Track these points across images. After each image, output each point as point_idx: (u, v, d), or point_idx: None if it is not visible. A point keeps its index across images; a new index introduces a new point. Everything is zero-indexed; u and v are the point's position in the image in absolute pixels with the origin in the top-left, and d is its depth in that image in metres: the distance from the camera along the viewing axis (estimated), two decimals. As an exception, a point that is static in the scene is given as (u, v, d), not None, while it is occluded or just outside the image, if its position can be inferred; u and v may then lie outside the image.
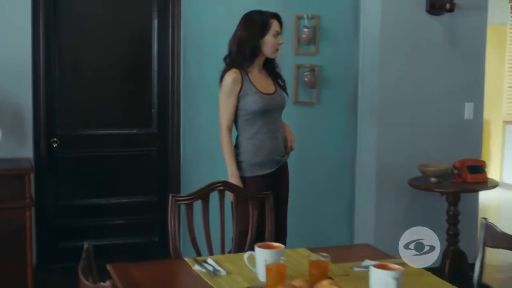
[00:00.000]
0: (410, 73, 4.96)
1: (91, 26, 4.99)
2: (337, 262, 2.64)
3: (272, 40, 3.75)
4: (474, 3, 5.04)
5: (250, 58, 3.72)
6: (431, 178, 4.74)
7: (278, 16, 3.82)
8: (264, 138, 3.74)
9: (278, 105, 3.80)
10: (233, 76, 3.69)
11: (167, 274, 2.59)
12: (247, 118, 3.73)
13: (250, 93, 3.70)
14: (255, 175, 3.72)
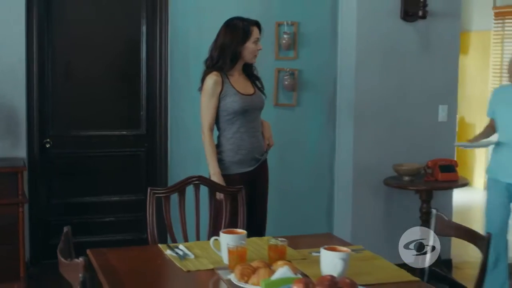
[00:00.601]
0: (386, 77, 5.17)
1: (83, 31, 5.17)
2: (298, 248, 2.89)
3: (253, 46, 3.93)
4: (447, 10, 5.23)
5: (230, 63, 3.89)
6: (405, 177, 4.98)
7: (258, 23, 4.00)
8: (244, 137, 3.92)
9: (256, 106, 3.98)
10: (214, 78, 3.87)
11: (141, 258, 2.83)
12: (227, 118, 3.90)
13: (230, 94, 3.87)
14: (235, 173, 3.89)
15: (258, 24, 4.01)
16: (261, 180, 4.05)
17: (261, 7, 5.17)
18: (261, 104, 4.03)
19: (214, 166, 3.85)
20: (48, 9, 5.06)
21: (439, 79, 5.30)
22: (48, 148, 5.15)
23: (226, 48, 3.90)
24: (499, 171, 4.46)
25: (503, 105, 4.48)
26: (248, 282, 2.38)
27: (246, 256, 2.58)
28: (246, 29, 3.93)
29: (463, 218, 7.68)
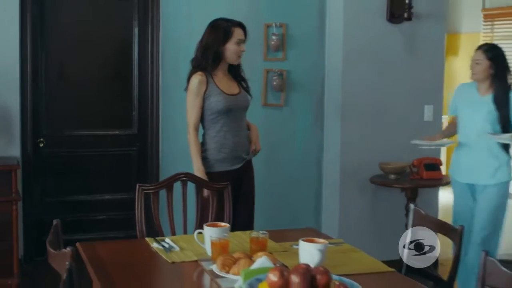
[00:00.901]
0: (372, 78, 5.28)
1: (76, 33, 5.28)
2: (280, 242, 2.99)
3: (234, 47, 3.96)
4: (433, 12, 5.35)
5: (213, 63, 3.95)
6: (391, 175, 5.09)
7: (242, 25, 4.02)
8: (228, 135, 3.98)
9: (241, 105, 4.03)
10: (198, 78, 3.94)
11: (128, 250, 2.93)
12: (212, 117, 3.97)
13: (214, 94, 3.94)
14: (219, 171, 3.95)
15: (242, 26, 4.03)
16: (246, 180, 4.10)
17: (250, 9, 5.29)
18: (245, 104, 4.07)
19: (197, 164, 3.93)
20: (42, 10, 5.17)
21: (425, 80, 5.41)
22: (42, 147, 5.25)
23: (208, 48, 3.96)
24: (459, 172, 4.44)
25: (464, 104, 4.43)
26: (229, 272, 2.48)
27: (229, 248, 2.68)
28: (227, 29, 3.97)
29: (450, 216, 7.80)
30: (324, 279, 2.13)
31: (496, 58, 4.26)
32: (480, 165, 4.29)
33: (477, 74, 4.31)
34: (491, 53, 4.26)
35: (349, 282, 2.22)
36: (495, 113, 4.22)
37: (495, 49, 4.33)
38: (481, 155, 4.28)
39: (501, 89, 4.25)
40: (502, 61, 4.30)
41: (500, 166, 4.26)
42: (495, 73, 4.25)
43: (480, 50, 4.32)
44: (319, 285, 2.12)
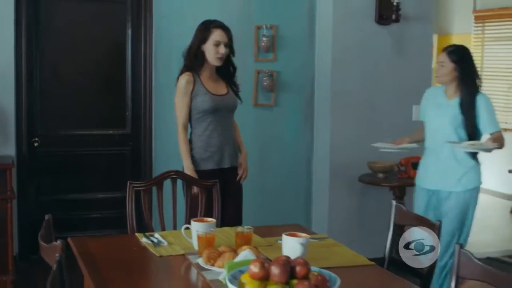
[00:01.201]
0: (361, 79, 5.37)
1: (70, 34, 5.37)
2: (266, 237, 3.09)
3: (212, 49, 4.00)
4: (420, 14, 5.46)
5: (196, 62, 4.03)
6: (379, 174, 5.19)
7: (223, 27, 4.06)
8: (213, 135, 4.06)
9: (227, 106, 4.10)
10: (186, 78, 4.02)
11: (118, 245, 3.02)
12: (198, 116, 4.06)
13: (200, 94, 4.02)
14: (204, 169, 4.04)
15: (223, 28, 4.06)
16: (233, 180, 4.15)
17: (240, 11, 5.40)
18: (232, 104, 4.14)
19: (187, 162, 4.02)
20: (36, 12, 5.25)
21: (413, 80, 5.50)
22: (37, 146, 5.33)
23: (191, 48, 4.06)
24: (425, 178, 4.28)
25: (430, 108, 4.27)
26: (214, 265, 2.58)
27: (214, 242, 2.78)
28: (207, 30, 4.03)
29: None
30: (303, 270, 2.21)
31: (461, 60, 4.08)
32: (445, 171, 4.14)
33: (441, 77, 4.16)
34: (455, 55, 4.08)
35: (328, 274, 2.30)
36: (460, 118, 4.07)
37: (460, 51, 4.16)
38: (447, 161, 4.13)
39: (467, 93, 4.08)
40: (468, 63, 4.13)
41: (467, 173, 4.13)
42: (461, 76, 4.08)
43: (444, 52, 4.14)
44: (299, 276, 2.21)
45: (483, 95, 4.12)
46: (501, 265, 5.57)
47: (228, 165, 4.12)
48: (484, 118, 4.06)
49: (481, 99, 4.08)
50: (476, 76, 4.14)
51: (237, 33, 5.28)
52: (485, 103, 4.08)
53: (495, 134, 4.08)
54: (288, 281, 2.19)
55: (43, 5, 5.28)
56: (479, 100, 4.07)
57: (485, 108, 4.07)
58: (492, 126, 4.10)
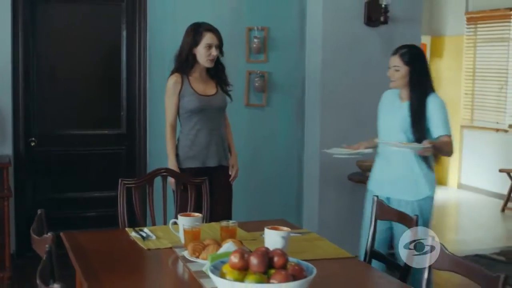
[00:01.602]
0: (351, 79, 5.48)
1: (66, 35, 5.48)
2: (251, 231, 3.20)
3: (203, 51, 4.12)
4: (409, 16, 5.56)
5: (186, 64, 4.16)
6: (367, 172, 5.27)
7: (213, 30, 4.17)
8: (200, 134, 4.17)
9: (214, 106, 4.21)
10: (174, 79, 4.17)
11: (108, 239, 3.15)
12: (185, 116, 4.19)
13: (187, 94, 4.15)
14: (189, 167, 4.16)
15: (213, 31, 4.17)
16: (220, 183, 4.23)
17: (232, 13, 5.53)
18: (220, 105, 4.24)
19: (171, 160, 4.16)
20: (33, 14, 5.36)
21: (401, 81, 5.60)
22: (33, 146, 5.44)
23: (182, 51, 4.19)
24: (375, 184, 4.05)
25: (385, 111, 4.05)
26: (199, 257, 2.70)
27: (200, 236, 2.90)
28: (198, 33, 4.14)
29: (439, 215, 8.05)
30: (281, 260, 2.33)
31: (415, 61, 3.85)
32: (396, 178, 3.88)
33: (397, 82, 3.89)
34: (408, 57, 3.83)
35: (305, 264, 2.41)
36: (409, 121, 3.81)
37: (414, 51, 3.91)
38: (398, 167, 3.87)
39: (417, 95, 3.82)
40: (421, 64, 3.90)
41: (417, 181, 3.83)
42: (412, 77, 3.84)
43: (396, 55, 3.87)
44: (277, 266, 2.32)
45: (435, 96, 3.85)
46: (488, 261, 5.68)
47: (214, 164, 4.21)
48: (434, 120, 3.80)
49: (432, 101, 3.82)
50: (428, 77, 3.90)
51: (229, 34, 5.43)
52: (436, 105, 3.82)
53: (442, 138, 3.78)
54: (266, 270, 2.30)
55: (40, 7, 5.39)
56: (430, 102, 3.82)
57: (436, 110, 3.81)
58: (440, 129, 3.80)
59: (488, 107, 8.81)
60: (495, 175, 8.16)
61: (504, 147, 8.47)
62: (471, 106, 9.08)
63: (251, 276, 2.27)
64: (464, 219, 8.15)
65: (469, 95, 9.08)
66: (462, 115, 9.18)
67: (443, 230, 7.40)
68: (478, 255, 5.86)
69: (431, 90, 3.86)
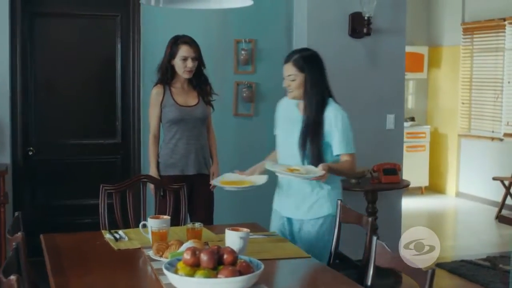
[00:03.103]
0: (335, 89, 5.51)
1: (63, 48, 5.68)
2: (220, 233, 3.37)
3: (180, 63, 4.32)
4: (393, 28, 5.70)
5: (167, 76, 4.37)
6: (352, 179, 5.44)
7: (190, 42, 4.34)
8: (179, 143, 4.38)
9: (194, 116, 4.39)
10: (156, 90, 4.40)
11: (83, 241, 3.34)
12: (166, 125, 4.40)
13: (168, 105, 4.36)
14: (168, 175, 4.36)
15: (189, 43, 4.34)
16: (200, 191, 4.41)
17: (220, 26, 5.71)
18: (200, 115, 4.42)
19: (152, 168, 4.40)
20: (31, 27, 5.57)
21: (387, 90, 5.75)
22: (31, 155, 5.65)
23: (162, 62, 4.42)
24: (278, 202, 3.80)
25: (282, 122, 3.75)
26: (162, 256, 2.87)
27: (167, 237, 3.07)
28: (174, 46, 4.35)
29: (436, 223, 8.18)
30: (230, 257, 2.50)
31: (310, 65, 3.53)
32: (296, 196, 3.61)
33: (294, 92, 3.55)
34: (302, 62, 3.51)
35: (255, 262, 2.59)
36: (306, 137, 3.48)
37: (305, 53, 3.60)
38: (300, 187, 3.57)
39: (314, 107, 3.48)
40: (315, 67, 3.56)
41: (319, 199, 3.56)
42: (306, 85, 3.50)
43: (290, 63, 3.53)
44: (226, 262, 2.50)
45: (334, 108, 3.51)
46: (473, 266, 5.80)
47: (193, 172, 4.40)
48: (333, 136, 3.47)
49: (330, 113, 3.48)
50: (324, 83, 3.56)
51: (217, 46, 5.67)
52: (334, 118, 3.47)
53: (342, 157, 3.50)
54: (216, 267, 2.48)
55: (37, 20, 5.59)
56: (328, 115, 3.48)
57: (334, 125, 3.46)
58: (340, 146, 3.47)
59: (484, 116, 8.92)
60: (491, 183, 8.26)
61: (499, 156, 8.56)
62: (468, 115, 9.19)
63: (200, 272, 2.45)
64: (460, 226, 8.25)
65: (466, 105, 9.19)
66: (460, 124, 9.27)
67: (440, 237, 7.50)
68: (464, 261, 5.98)
69: (328, 99, 3.53)
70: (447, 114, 9.45)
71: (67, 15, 5.73)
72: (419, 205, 8.85)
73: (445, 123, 9.51)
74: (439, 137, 9.57)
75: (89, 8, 5.74)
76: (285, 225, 3.70)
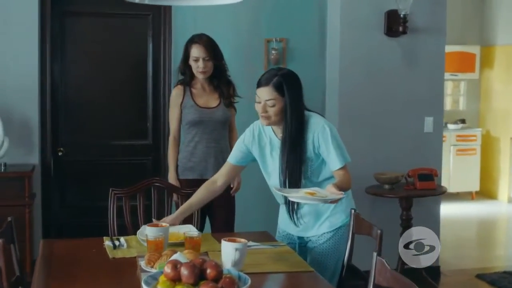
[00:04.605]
0: (369, 90, 5.37)
1: (94, 48, 5.61)
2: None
3: (193, 64, 4.21)
4: (432, 26, 5.43)
5: (185, 77, 4.27)
6: (385, 185, 5.20)
7: (201, 42, 4.18)
8: (198, 146, 4.24)
9: (214, 119, 4.25)
10: (175, 91, 4.29)
11: (80, 247, 3.21)
12: (186, 127, 4.27)
13: (187, 106, 4.24)
14: (187, 178, 4.23)
15: (200, 43, 4.18)
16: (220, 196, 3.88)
17: (250, 25, 5.54)
18: (221, 118, 4.27)
19: (170, 171, 4.28)
20: (61, 27, 5.51)
21: (424, 92, 5.48)
22: (61, 155, 5.60)
23: (180, 63, 4.32)
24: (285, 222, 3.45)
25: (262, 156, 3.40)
26: (153, 266, 2.73)
27: (163, 246, 2.92)
28: (186, 48, 4.25)
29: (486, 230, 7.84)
30: (214, 272, 2.33)
31: (292, 88, 3.20)
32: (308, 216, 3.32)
33: (273, 118, 3.17)
34: (286, 86, 3.17)
35: (244, 277, 2.41)
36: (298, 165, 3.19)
37: (286, 75, 3.23)
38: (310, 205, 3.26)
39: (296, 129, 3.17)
40: (297, 89, 3.25)
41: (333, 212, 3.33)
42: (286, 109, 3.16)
43: (269, 86, 3.15)
44: (209, 277, 2.33)
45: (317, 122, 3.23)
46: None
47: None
48: (329, 153, 3.20)
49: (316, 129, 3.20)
50: (303, 105, 3.26)
51: (247, 46, 5.53)
52: (322, 134, 3.20)
53: (339, 172, 3.25)
54: (197, 282, 2.32)
55: (67, 19, 5.54)
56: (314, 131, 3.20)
57: (325, 140, 3.20)
58: (334, 161, 3.22)
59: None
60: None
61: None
62: (522, 118, 8.79)
63: (180, 287, 2.29)
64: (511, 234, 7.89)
65: (520, 107, 8.80)
66: (513, 127, 8.88)
67: (491, 245, 7.20)
68: (507, 272, 5.66)
69: (308, 114, 3.25)
70: (500, 116, 9.05)
71: (98, 14, 5.65)
72: (468, 211, 8.53)
73: (498, 125, 9.11)
74: (491, 140, 9.18)
75: (120, 7, 5.59)
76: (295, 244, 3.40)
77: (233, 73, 4.51)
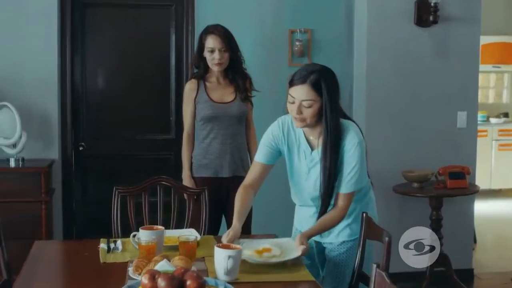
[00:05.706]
0: (399, 83, 5.13)
1: (115, 40, 5.49)
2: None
3: (208, 55, 4.01)
4: (465, 15, 5.14)
5: (199, 70, 4.08)
6: (414, 183, 4.93)
7: (216, 32, 3.99)
8: (213, 142, 4.05)
9: (229, 114, 4.04)
10: (189, 86, 4.10)
11: (73, 250, 3.06)
12: (200, 123, 4.08)
13: (202, 101, 4.04)
14: (201, 176, 4.05)
15: (215, 34, 3.99)
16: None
17: (274, 15, 5.35)
18: (236, 113, 4.06)
19: (184, 169, 4.10)
20: (82, 18, 5.39)
21: (457, 86, 5.22)
22: (82, 150, 5.50)
23: (194, 56, 4.15)
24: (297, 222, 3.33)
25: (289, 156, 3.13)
26: (140, 274, 2.55)
27: (155, 251, 2.75)
28: (201, 39, 4.05)
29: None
30: (194, 284, 2.14)
31: (332, 89, 2.89)
32: None
33: (308, 120, 2.88)
34: (325, 86, 2.86)
35: (229, 288, 2.22)
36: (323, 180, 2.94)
37: (326, 74, 2.93)
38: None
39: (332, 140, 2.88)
40: (336, 91, 2.94)
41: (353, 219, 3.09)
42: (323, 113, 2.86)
43: (306, 85, 2.84)
44: (189, 289, 2.14)
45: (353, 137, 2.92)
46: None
47: (228, 175, 4.06)
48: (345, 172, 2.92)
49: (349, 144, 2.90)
50: (340, 109, 2.97)
51: (271, 37, 5.36)
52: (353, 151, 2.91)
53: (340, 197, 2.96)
54: (176, 294, 2.13)
55: (88, 10, 5.42)
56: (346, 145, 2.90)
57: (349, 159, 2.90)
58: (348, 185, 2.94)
59: None
60: None
61: None
62: None
63: (155, 300, 2.11)
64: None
65: None
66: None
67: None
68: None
69: (345, 123, 2.95)
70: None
71: (119, 5, 5.52)
72: (510, 209, 8.13)
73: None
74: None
75: (142, -2, 5.53)
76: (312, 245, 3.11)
77: (255, 66, 4.36)
